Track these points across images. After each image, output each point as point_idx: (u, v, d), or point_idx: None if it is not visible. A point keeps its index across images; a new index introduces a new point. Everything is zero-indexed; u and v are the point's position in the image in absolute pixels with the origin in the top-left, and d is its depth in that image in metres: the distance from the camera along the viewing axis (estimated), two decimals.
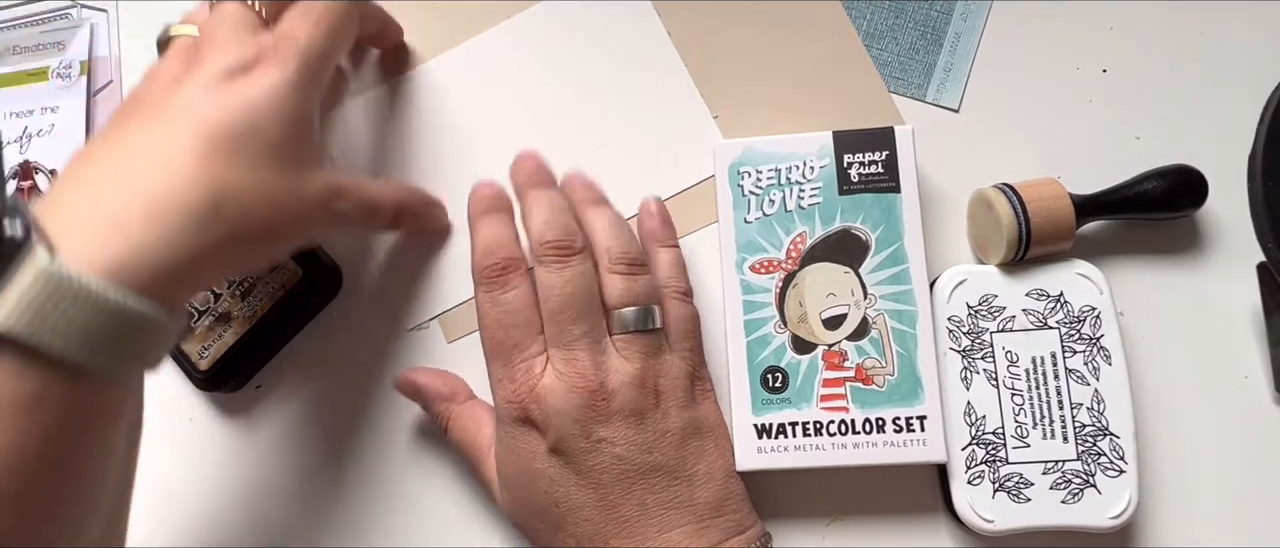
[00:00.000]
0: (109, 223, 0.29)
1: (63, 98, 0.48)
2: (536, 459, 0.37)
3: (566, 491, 0.36)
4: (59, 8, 0.50)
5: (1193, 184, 0.40)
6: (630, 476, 0.36)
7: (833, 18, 0.45)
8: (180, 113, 0.32)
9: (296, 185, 0.34)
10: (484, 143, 0.45)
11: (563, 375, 0.36)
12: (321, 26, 0.37)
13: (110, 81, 0.49)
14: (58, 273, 0.27)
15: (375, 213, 0.40)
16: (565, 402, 0.36)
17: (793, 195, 0.40)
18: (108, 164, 0.31)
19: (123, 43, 0.49)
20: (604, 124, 0.45)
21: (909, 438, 0.38)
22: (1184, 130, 0.43)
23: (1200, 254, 0.42)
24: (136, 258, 0.29)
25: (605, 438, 0.36)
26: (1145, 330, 0.41)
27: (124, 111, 0.34)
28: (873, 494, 0.41)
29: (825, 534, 0.41)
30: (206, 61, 0.34)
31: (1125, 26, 0.44)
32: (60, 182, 0.31)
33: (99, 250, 0.28)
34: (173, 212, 0.30)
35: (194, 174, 0.31)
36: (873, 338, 0.39)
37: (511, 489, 0.38)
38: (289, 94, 0.34)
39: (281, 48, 0.35)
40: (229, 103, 0.33)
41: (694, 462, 0.37)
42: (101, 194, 0.30)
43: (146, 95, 0.34)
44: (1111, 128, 0.43)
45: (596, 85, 0.45)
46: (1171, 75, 0.43)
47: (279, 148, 0.34)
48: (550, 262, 0.37)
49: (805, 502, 0.41)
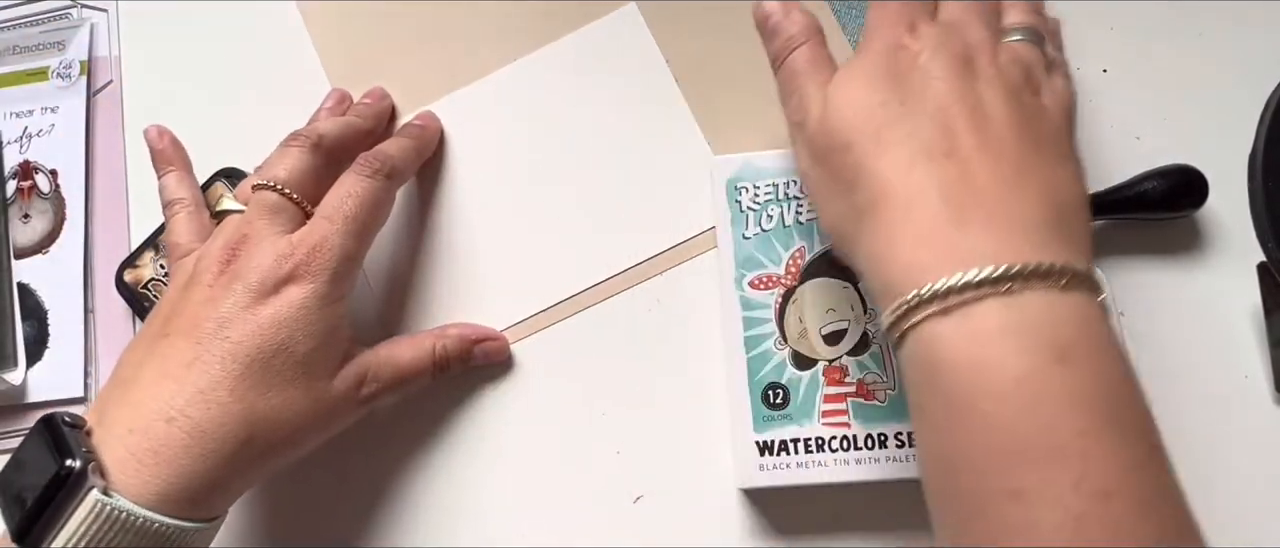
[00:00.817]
0: (155, 458, 0.34)
1: (63, 98, 0.48)
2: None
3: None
4: (59, 8, 0.50)
5: (1193, 184, 0.40)
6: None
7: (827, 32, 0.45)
8: (217, 336, 0.35)
9: (324, 393, 0.37)
10: (484, 187, 0.45)
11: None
12: (354, 226, 0.38)
13: (110, 81, 0.49)
14: (111, 506, 0.32)
15: (409, 382, 0.41)
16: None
17: (790, 211, 0.40)
18: (152, 388, 0.35)
19: (123, 43, 0.49)
20: (602, 164, 0.45)
21: (912, 454, 0.38)
22: (1184, 130, 0.43)
23: (1200, 254, 0.42)
24: (179, 486, 0.34)
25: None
26: (1145, 330, 0.41)
27: (165, 322, 0.37)
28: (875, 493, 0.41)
29: (830, 530, 0.41)
30: (242, 275, 0.36)
31: (1125, 26, 0.44)
32: (113, 395, 0.36)
33: (147, 485, 0.33)
34: (211, 442, 0.34)
35: (230, 406, 0.35)
36: (873, 353, 0.39)
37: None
38: (319, 309, 0.37)
39: (314, 260, 0.37)
40: (262, 326, 0.36)
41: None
42: (149, 428, 0.34)
43: (186, 308, 0.37)
44: (1111, 128, 0.43)
45: (593, 125, 0.45)
46: (1171, 75, 0.43)
47: (307, 361, 0.36)
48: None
49: (807, 500, 0.41)
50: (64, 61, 0.49)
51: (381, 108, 0.46)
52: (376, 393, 0.39)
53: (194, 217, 0.41)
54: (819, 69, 0.35)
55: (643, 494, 0.42)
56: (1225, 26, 0.44)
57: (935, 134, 0.31)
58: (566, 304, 0.44)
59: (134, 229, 0.47)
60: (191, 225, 0.41)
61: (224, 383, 0.35)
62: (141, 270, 0.45)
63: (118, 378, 0.37)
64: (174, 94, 0.48)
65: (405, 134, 0.44)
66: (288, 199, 0.38)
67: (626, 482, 0.42)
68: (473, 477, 0.43)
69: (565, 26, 0.46)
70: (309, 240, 0.37)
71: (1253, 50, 0.43)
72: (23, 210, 0.48)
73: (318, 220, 0.38)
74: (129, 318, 0.46)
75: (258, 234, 0.37)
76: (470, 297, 0.44)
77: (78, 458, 0.32)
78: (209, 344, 0.35)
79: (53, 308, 0.46)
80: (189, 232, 0.41)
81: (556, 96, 0.46)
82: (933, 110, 0.31)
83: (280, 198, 0.38)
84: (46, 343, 0.46)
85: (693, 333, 0.43)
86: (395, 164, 0.41)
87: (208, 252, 0.38)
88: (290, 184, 0.39)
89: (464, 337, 0.42)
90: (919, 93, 0.32)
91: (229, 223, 0.39)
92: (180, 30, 0.49)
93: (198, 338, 0.35)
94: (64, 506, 0.32)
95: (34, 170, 0.48)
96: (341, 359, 0.38)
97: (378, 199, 0.39)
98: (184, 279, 0.38)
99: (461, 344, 0.42)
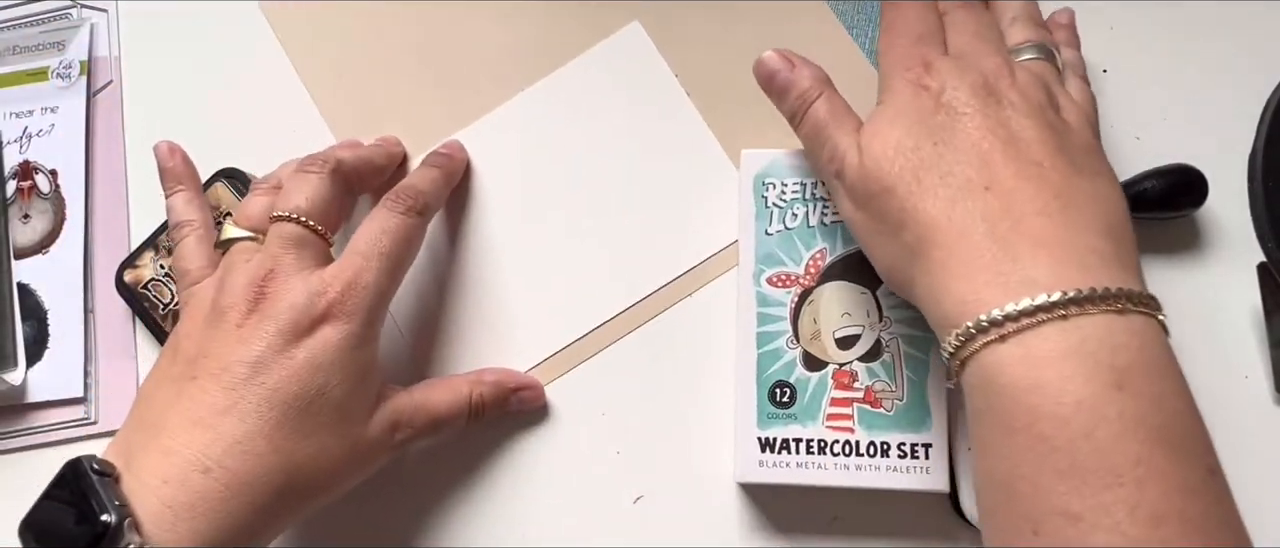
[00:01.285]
0: (191, 511, 0.33)
1: (63, 98, 0.48)
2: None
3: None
4: (59, 8, 0.50)
5: (1193, 184, 0.40)
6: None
7: (836, 39, 0.45)
8: (252, 381, 0.34)
9: (360, 437, 0.37)
10: (504, 218, 0.45)
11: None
12: (388, 264, 0.37)
13: (110, 81, 0.49)
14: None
15: (441, 428, 0.40)
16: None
17: (816, 211, 0.40)
18: (183, 436, 0.34)
19: (123, 43, 0.49)
20: (623, 183, 0.45)
21: (913, 465, 0.38)
22: (1184, 130, 0.43)
23: (1200, 254, 0.42)
24: (215, 535, 0.33)
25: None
26: None
27: (191, 363, 0.35)
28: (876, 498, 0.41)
29: (828, 532, 0.41)
30: (274, 316, 0.35)
31: (1125, 26, 0.44)
32: (139, 440, 0.34)
33: (182, 539, 0.32)
34: (249, 494, 0.33)
35: (267, 456, 0.34)
36: (885, 361, 0.38)
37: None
38: (353, 350, 0.36)
39: (348, 299, 0.36)
40: (298, 370, 0.35)
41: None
42: (185, 480, 0.33)
43: (214, 348, 0.35)
44: (1112, 128, 0.43)
45: (609, 146, 0.45)
46: (1171, 75, 0.43)
47: (343, 405, 0.36)
48: None
49: (808, 498, 0.41)
50: (64, 61, 0.49)
51: (395, 152, 0.45)
52: (410, 438, 0.39)
53: (204, 242, 0.40)
54: (843, 118, 0.35)
55: (643, 494, 0.42)
56: (1225, 26, 0.44)
57: (972, 170, 0.31)
58: (597, 334, 0.44)
59: (134, 229, 0.47)
60: (202, 251, 0.40)
61: (261, 431, 0.34)
62: (141, 270, 0.45)
63: (142, 420, 0.35)
64: (174, 94, 0.48)
65: (433, 164, 0.43)
66: (311, 230, 0.37)
67: (626, 482, 0.42)
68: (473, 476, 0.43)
69: (571, 50, 0.46)
70: (343, 277, 0.36)
71: (1253, 50, 0.43)
72: (23, 210, 0.48)
73: (351, 256, 0.37)
74: (129, 318, 0.46)
75: (285, 269, 0.36)
76: (499, 334, 0.44)
77: (113, 513, 0.31)
78: (243, 390, 0.34)
79: (53, 308, 0.46)
80: (199, 258, 0.39)
81: (570, 122, 0.45)
82: (965, 147, 0.32)
83: (303, 230, 0.37)
84: (46, 343, 0.46)
85: (703, 330, 0.43)
86: (427, 201, 0.40)
87: (231, 287, 0.36)
88: (312, 215, 0.37)
89: (501, 384, 0.42)
90: (949, 131, 0.32)
91: (242, 253, 0.38)
92: (181, 30, 0.49)
93: (230, 383, 0.34)
94: None
95: (34, 170, 0.48)
96: (376, 401, 0.37)
97: (411, 236, 0.39)
98: (203, 313, 0.37)
99: (498, 391, 0.41)
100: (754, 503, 0.41)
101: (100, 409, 0.45)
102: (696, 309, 0.43)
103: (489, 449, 0.43)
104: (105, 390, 0.46)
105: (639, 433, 0.43)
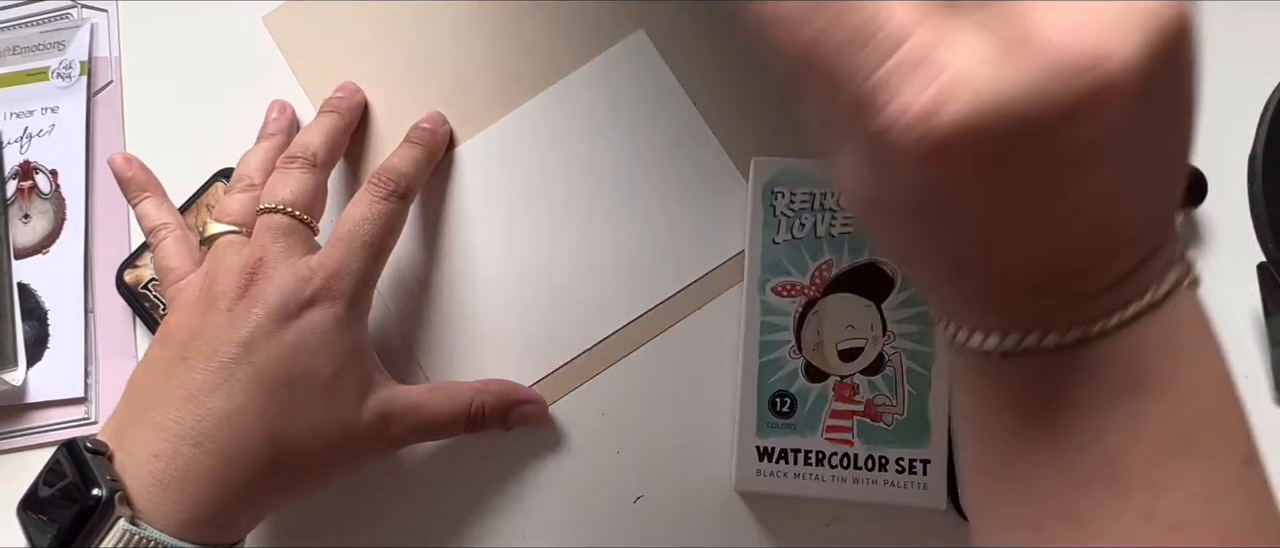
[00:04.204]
0: (181, 484, 0.34)
1: (63, 98, 0.48)
2: None
3: None
4: (59, 8, 0.50)
5: (1192, 184, 0.40)
6: None
7: None
8: (242, 360, 0.35)
9: (348, 422, 0.37)
10: (512, 225, 0.45)
11: None
12: (371, 251, 0.38)
13: (110, 81, 0.49)
14: (139, 535, 0.32)
15: (437, 431, 0.40)
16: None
17: (824, 222, 0.40)
18: (175, 412, 0.35)
19: (123, 43, 0.49)
20: (631, 192, 0.45)
21: (910, 480, 0.38)
22: None
23: (1200, 254, 0.42)
24: (205, 511, 0.34)
25: None
26: None
27: (183, 346, 0.36)
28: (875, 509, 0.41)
29: (828, 533, 0.41)
30: (263, 299, 0.36)
31: None
32: (132, 417, 0.36)
33: (173, 512, 0.33)
34: (238, 468, 0.34)
35: (256, 431, 0.35)
36: (887, 375, 0.38)
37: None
38: (340, 331, 0.37)
39: (333, 285, 0.37)
40: (286, 349, 0.36)
41: None
42: (175, 453, 0.34)
43: (205, 332, 0.36)
44: None
45: (615, 156, 0.45)
46: None
47: (331, 385, 0.36)
48: None
49: (806, 507, 0.41)
50: (64, 62, 0.49)
51: (356, 101, 0.45)
52: (404, 436, 0.39)
53: (182, 241, 0.42)
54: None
55: (643, 494, 0.42)
56: (1225, 26, 0.44)
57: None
58: (602, 348, 0.43)
59: (134, 229, 0.47)
60: (182, 249, 0.41)
61: (251, 407, 0.35)
62: (141, 271, 0.45)
63: (134, 401, 0.37)
64: (175, 94, 0.48)
65: (415, 140, 0.43)
66: (298, 220, 0.39)
67: (626, 482, 0.42)
68: (473, 476, 0.43)
69: (576, 60, 0.46)
70: (327, 265, 0.37)
71: (1253, 50, 0.43)
72: (23, 210, 0.48)
73: (335, 244, 0.38)
74: (129, 318, 0.46)
75: (274, 257, 0.37)
76: (504, 347, 0.44)
77: (104, 487, 0.32)
78: (233, 369, 0.35)
79: (53, 308, 0.46)
80: (180, 256, 0.41)
81: (574, 132, 0.45)
82: None
83: (290, 220, 0.38)
84: (46, 343, 0.46)
85: (707, 335, 0.43)
86: (409, 183, 0.41)
87: (222, 275, 0.38)
88: (298, 205, 0.39)
89: (505, 395, 0.42)
90: None
91: (229, 245, 0.39)
92: (181, 30, 0.49)
93: (221, 363, 0.35)
94: (92, 536, 0.32)
95: (34, 170, 0.48)
96: (366, 385, 0.38)
97: (393, 221, 0.40)
98: (191, 301, 0.38)
99: (501, 403, 0.41)
100: (752, 506, 0.41)
101: (100, 409, 0.45)
102: (701, 315, 0.43)
103: (489, 449, 0.43)
104: (105, 391, 0.46)
105: (640, 433, 0.43)
